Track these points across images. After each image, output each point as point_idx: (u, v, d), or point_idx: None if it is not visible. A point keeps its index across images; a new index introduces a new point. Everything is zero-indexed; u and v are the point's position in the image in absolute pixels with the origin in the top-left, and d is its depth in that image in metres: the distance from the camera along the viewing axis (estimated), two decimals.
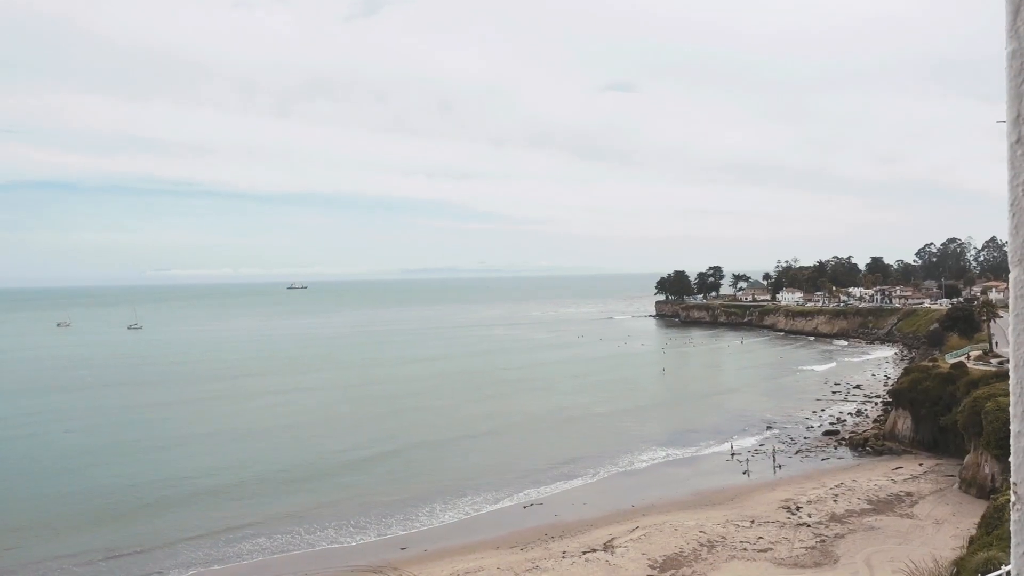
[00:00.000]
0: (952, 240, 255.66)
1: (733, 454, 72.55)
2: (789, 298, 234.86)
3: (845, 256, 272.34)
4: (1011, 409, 2.38)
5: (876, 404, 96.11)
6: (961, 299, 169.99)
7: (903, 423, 73.01)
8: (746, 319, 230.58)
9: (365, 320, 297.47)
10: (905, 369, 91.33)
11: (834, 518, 51.09)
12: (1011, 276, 2.46)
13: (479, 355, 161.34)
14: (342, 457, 72.10)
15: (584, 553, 46.79)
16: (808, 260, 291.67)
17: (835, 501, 54.89)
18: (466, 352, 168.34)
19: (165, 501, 59.87)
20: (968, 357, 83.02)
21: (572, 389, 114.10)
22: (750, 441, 77.95)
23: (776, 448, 73.91)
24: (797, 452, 72.77)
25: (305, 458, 72.15)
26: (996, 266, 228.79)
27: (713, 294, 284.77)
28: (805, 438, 78.79)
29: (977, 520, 37.73)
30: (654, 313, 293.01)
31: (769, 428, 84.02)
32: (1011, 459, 2.38)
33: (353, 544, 51.38)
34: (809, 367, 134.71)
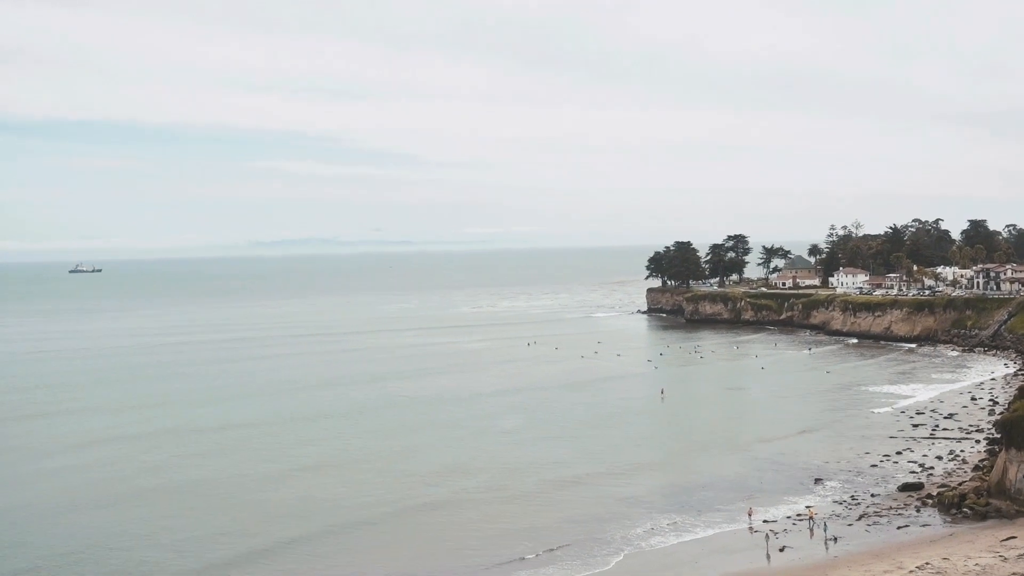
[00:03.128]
0: None
1: (765, 521, 74.97)
2: (848, 283, 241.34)
3: (931, 220, 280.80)
4: None
5: (978, 443, 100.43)
6: None
7: (1017, 471, 76.01)
8: (784, 315, 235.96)
9: (192, 322, 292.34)
10: (1019, 389, 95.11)
11: None
12: None
13: (379, 380, 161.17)
14: (174, 565, 70.96)
15: None
16: (876, 226, 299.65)
17: None
18: (358, 375, 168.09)
19: None
20: None
21: (522, 432, 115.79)
22: (790, 502, 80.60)
23: (829, 512, 76.50)
24: (860, 518, 75.60)
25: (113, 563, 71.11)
26: None
27: (734, 277, 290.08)
28: (873, 496, 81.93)
29: None
30: (646, 308, 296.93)
31: (818, 482, 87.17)
32: None
33: None
34: (878, 388, 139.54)
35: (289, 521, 78.85)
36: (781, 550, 67.98)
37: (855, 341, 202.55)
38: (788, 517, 76.24)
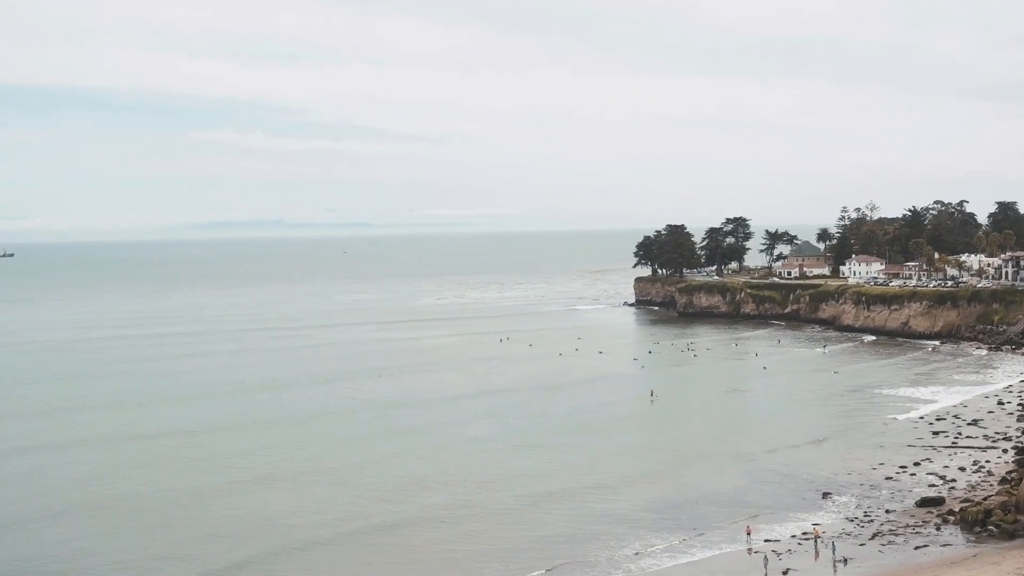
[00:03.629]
0: None
1: (767, 541, 75.51)
2: (861, 272, 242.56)
3: (954, 202, 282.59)
4: None
5: (1005, 452, 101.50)
6: None
7: None
8: (789, 308, 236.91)
9: (119, 314, 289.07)
10: None
11: None
12: None
13: (332, 381, 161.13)
14: None
15: None
16: (893, 208, 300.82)
17: None
18: (309, 375, 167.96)
19: None
20: None
21: (494, 441, 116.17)
22: (795, 519, 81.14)
23: (839, 531, 77.13)
24: (873, 536, 76.22)
25: None
26: None
27: (733, 266, 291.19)
28: (887, 512, 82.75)
29: None
30: (633, 299, 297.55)
31: (827, 497, 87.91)
32: None
33: None
34: (894, 391, 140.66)
35: (231, 542, 78.78)
36: (784, 573, 68.39)
37: (871, 338, 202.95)
38: (793, 536, 76.76)
